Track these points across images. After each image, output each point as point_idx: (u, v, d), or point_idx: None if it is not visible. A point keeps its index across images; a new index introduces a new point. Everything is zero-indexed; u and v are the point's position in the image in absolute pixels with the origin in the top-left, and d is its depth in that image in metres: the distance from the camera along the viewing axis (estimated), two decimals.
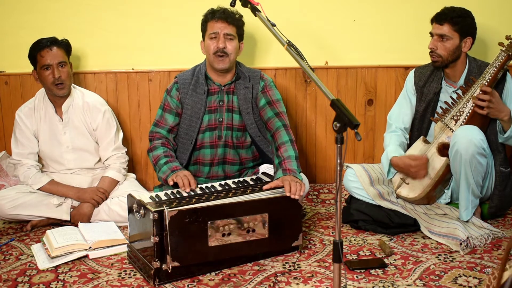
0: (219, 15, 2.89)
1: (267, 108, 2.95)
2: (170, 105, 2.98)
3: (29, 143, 3.18)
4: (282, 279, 2.48)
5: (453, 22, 2.92)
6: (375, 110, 3.64)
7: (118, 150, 3.28)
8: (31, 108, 3.19)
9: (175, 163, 2.87)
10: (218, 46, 2.86)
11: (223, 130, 2.98)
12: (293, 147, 2.83)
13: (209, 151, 3.00)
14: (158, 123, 3.00)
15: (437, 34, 2.95)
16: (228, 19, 2.88)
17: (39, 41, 3.10)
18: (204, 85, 2.94)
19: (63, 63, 3.09)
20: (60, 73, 3.07)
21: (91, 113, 3.21)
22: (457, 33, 2.93)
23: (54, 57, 3.06)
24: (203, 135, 2.98)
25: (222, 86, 2.95)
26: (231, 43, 2.89)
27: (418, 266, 2.58)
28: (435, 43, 2.96)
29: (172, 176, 2.75)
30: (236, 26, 2.92)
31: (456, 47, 2.95)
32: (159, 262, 2.41)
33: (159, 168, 2.86)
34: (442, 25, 2.94)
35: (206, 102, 2.94)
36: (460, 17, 2.93)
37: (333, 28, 3.55)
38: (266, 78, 3.04)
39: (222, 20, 2.88)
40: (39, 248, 2.80)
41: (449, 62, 2.98)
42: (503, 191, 2.98)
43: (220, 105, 2.96)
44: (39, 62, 3.07)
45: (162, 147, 2.94)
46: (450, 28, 2.93)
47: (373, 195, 3.06)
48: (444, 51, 2.95)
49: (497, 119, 2.90)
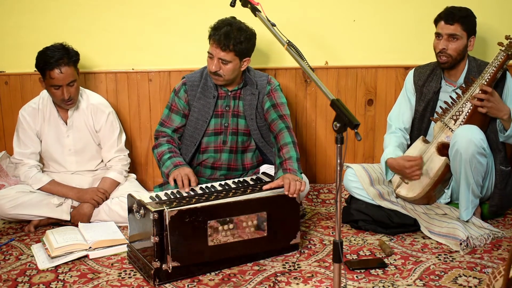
0: (217, 39, 2.75)
1: (271, 110, 2.95)
2: (178, 106, 2.97)
3: (31, 143, 3.17)
4: (282, 279, 2.48)
5: (462, 21, 2.92)
6: (375, 110, 3.64)
7: (121, 152, 3.28)
8: (35, 108, 3.17)
9: (178, 158, 2.86)
10: (210, 69, 2.80)
11: (228, 135, 2.98)
12: (295, 148, 2.84)
13: (212, 156, 3.00)
14: (164, 123, 2.99)
15: (448, 34, 2.94)
16: (223, 47, 2.74)
17: (48, 56, 2.95)
18: (214, 90, 2.92)
19: (73, 82, 3.02)
20: (70, 92, 3.01)
21: (96, 115, 3.21)
22: (465, 32, 2.94)
23: (64, 79, 2.97)
24: (208, 138, 2.97)
25: (229, 91, 2.95)
26: (226, 67, 2.79)
27: (418, 266, 2.58)
28: (446, 43, 2.95)
29: (174, 173, 2.75)
30: (235, 51, 2.78)
31: (464, 47, 2.96)
32: (159, 262, 2.41)
33: (163, 163, 2.86)
34: (452, 24, 2.93)
35: (215, 106, 2.94)
36: (467, 17, 2.94)
37: (333, 28, 3.55)
38: (273, 82, 3.02)
39: (217, 45, 2.75)
40: (39, 248, 2.80)
41: (457, 62, 2.98)
42: (503, 190, 2.98)
43: (226, 110, 2.96)
44: (47, 80, 2.98)
45: (167, 144, 2.93)
46: (460, 28, 2.93)
47: (373, 195, 3.06)
48: (454, 51, 2.95)
49: (497, 118, 2.90)
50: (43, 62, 2.97)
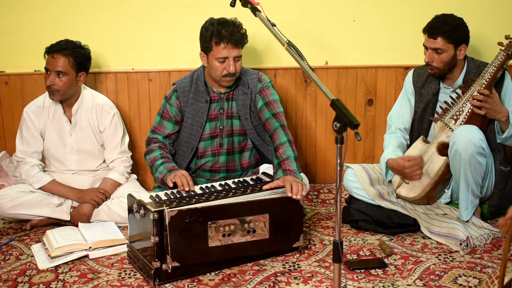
0: (228, 39, 2.75)
1: (265, 109, 2.94)
2: (169, 113, 2.96)
3: (34, 141, 3.17)
4: (282, 279, 2.48)
5: (447, 35, 2.90)
6: (375, 110, 3.64)
7: (123, 154, 3.28)
8: (39, 106, 3.18)
9: (171, 164, 2.86)
10: (229, 71, 2.80)
11: (224, 137, 2.97)
12: (292, 147, 2.83)
13: (211, 160, 3.00)
14: (156, 130, 2.99)
15: (432, 48, 2.94)
16: (237, 44, 2.78)
17: (55, 44, 3.08)
18: (206, 94, 2.91)
19: (61, 73, 3.04)
20: (55, 81, 3.04)
21: (101, 115, 3.21)
22: (452, 44, 2.92)
23: (54, 65, 3.03)
24: (204, 143, 2.97)
25: (222, 94, 2.94)
26: (238, 63, 2.83)
27: (418, 266, 2.59)
28: (431, 56, 2.95)
29: (170, 176, 2.74)
30: (243, 45, 2.85)
31: (452, 57, 2.95)
32: (159, 262, 2.41)
33: (156, 169, 2.85)
34: (435, 39, 2.92)
35: (208, 110, 2.93)
36: (453, 29, 2.90)
37: (333, 28, 3.55)
38: (264, 79, 3.01)
39: (232, 45, 2.76)
40: (39, 248, 2.80)
41: (446, 71, 2.99)
42: (503, 190, 2.98)
43: (220, 113, 2.95)
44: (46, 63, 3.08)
45: (159, 149, 2.93)
46: (444, 41, 2.91)
47: (373, 195, 3.06)
48: (441, 63, 2.95)
49: (495, 119, 2.90)
50: (49, 46, 3.08)
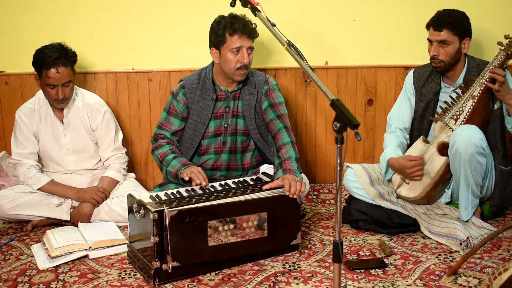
0: (242, 29, 2.79)
1: (269, 110, 2.95)
2: (176, 109, 2.96)
3: (29, 143, 3.17)
4: (282, 279, 2.48)
5: (452, 26, 2.92)
6: (375, 110, 3.64)
7: (118, 150, 3.28)
8: (31, 108, 3.18)
9: (184, 158, 2.87)
10: (244, 62, 2.82)
11: (228, 136, 2.98)
12: (294, 148, 2.84)
13: (213, 157, 3.00)
14: (163, 126, 2.99)
15: (437, 41, 2.95)
16: (251, 35, 2.83)
17: (46, 55, 2.95)
18: (213, 92, 2.92)
19: (68, 83, 3.02)
20: (65, 92, 3.02)
21: (91, 114, 3.20)
22: (457, 36, 2.94)
23: (60, 79, 2.98)
24: (208, 140, 2.97)
25: (229, 92, 2.95)
26: (251, 56, 2.86)
27: (418, 266, 2.59)
28: (436, 50, 2.96)
29: (186, 170, 2.74)
30: (254, 38, 2.88)
31: (457, 50, 2.96)
32: (159, 262, 2.41)
33: (168, 163, 2.84)
34: (441, 31, 2.93)
35: (213, 108, 2.94)
36: (457, 21, 2.93)
37: (333, 28, 3.55)
38: (271, 81, 3.03)
39: (246, 36, 2.81)
40: (39, 248, 2.80)
41: (451, 65, 2.99)
42: (503, 189, 2.98)
43: (226, 111, 2.96)
44: (43, 78, 2.98)
45: (168, 145, 2.93)
46: (450, 33, 2.93)
47: (373, 195, 3.06)
48: (446, 56, 2.95)
49: (503, 102, 2.90)
50: (41, 60, 2.98)
